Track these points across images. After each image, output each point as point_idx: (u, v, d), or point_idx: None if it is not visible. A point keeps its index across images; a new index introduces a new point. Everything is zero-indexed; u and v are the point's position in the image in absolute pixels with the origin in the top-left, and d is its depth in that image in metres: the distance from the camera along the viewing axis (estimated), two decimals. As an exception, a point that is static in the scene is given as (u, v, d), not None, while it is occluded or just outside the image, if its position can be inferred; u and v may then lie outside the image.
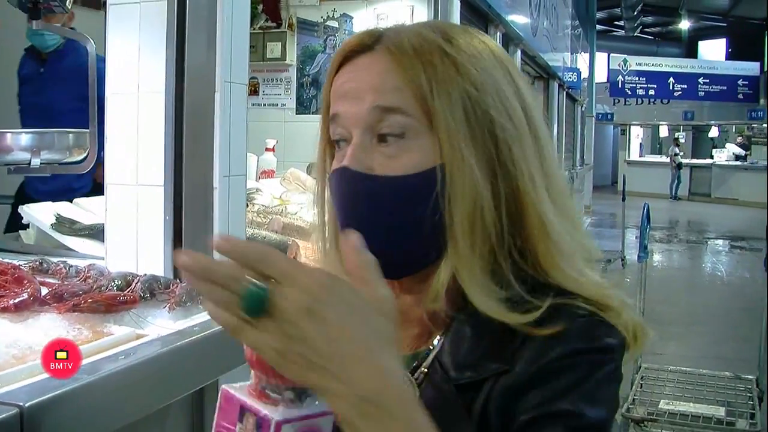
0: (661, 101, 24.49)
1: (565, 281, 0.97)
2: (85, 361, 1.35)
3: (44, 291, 1.64)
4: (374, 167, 0.97)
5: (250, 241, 0.73)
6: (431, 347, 1.02)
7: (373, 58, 1.00)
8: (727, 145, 26.55)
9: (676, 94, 23.15)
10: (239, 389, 0.85)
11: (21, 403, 1.14)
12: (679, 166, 24.41)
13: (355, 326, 0.75)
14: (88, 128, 2.32)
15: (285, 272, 0.74)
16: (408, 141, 0.97)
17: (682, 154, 24.97)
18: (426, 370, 1.00)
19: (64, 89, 3.68)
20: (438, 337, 1.02)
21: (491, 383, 0.93)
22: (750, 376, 5.06)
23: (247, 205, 2.60)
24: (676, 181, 24.41)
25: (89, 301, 1.58)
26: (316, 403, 0.84)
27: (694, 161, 25.35)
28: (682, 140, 26.35)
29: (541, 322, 0.93)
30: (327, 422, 0.84)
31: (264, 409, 0.81)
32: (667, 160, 25.58)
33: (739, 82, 23.02)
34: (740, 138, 26.26)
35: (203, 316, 1.71)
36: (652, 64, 23.10)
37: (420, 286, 1.02)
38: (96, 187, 3.35)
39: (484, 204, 0.95)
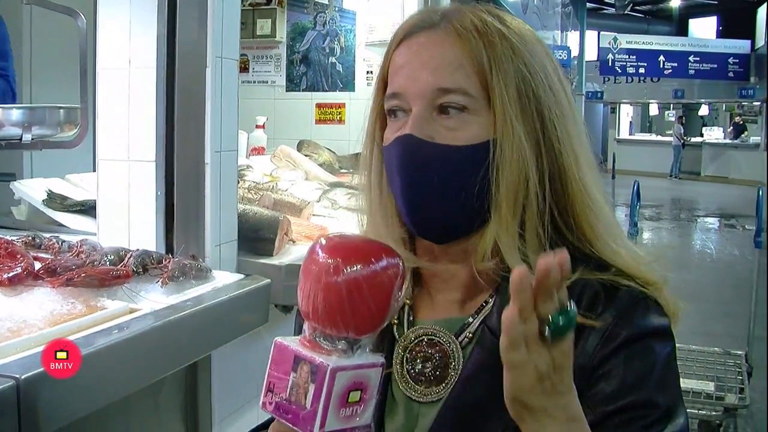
0: (651, 79, 24.45)
1: (606, 253, 1.05)
2: (79, 335, 1.36)
3: (37, 266, 1.64)
4: (435, 136, 1.03)
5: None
6: (476, 313, 1.08)
7: (437, 35, 1.06)
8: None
9: (666, 72, 23.12)
10: (292, 341, 0.90)
11: (17, 375, 1.14)
12: (683, 145, 24.48)
13: None
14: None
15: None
16: (467, 115, 1.03)
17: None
18: (471, 334, 1.07)
19: None
20: (483, 302, 1.08)
21: None
22: (739, 352, 5.09)
23: (238, 182, 2.60)
24: (678, 161, 24.48)
25: (82, 275, 1.58)
26: (365, 354, 0.91)
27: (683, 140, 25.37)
28: (671, 118, 26.38)
29: (595, 302, 1.00)
30: (376, 374, 0.91)
31: (319, 358, 0.87)
32: (658, 138, 25.62)
33: (730, 60, 22.99)
34: (738, 118, 26.28)
35: (196, 291, 1.72)
36: (643, 42, 23.05)
37: (461, 253, 1.09)
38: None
39: (529, 177, 1.02)
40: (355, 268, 0.88)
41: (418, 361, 1.09)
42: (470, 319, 1.08)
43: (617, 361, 0.96)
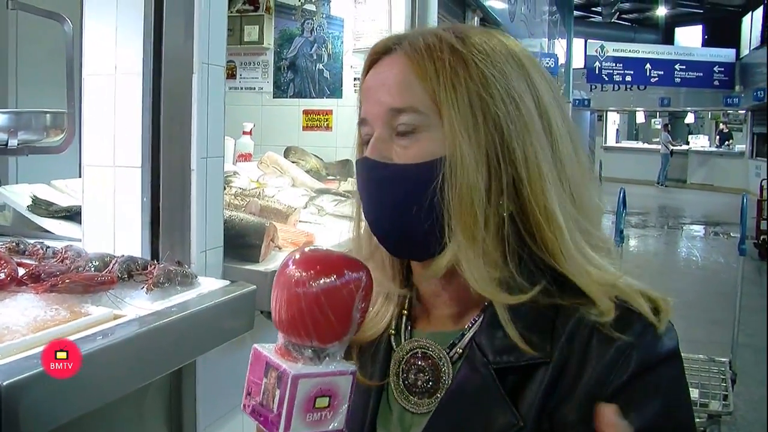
0: (638, 87, 24.62)
1: (570, 267, 1.03)
2: (62, 341, 1.36)
3: (21, 272, 1.63)
4: (392, 157, 1.06)
5: None
6: (468, 328, 1.09)
7: (392, 59, 1.08)
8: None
9: (652, 80, 23.28)
10: (267, 348, 0.95)
11: (-1, 382, 1.14)
12: (671, 153, 24.60)
13: None
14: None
15: None
16: (419, 134, 1.04)
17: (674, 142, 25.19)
18: (461, 350, 1.08)
19: None
20: (474, 318, 1.09)
21: (543, 375, 0.99)
22: (723, 359, 5.11)
23: (225, 188, 2.60)
24: (664, 168, 24.59)
25: (67, 281, 1.58)
26: (335, 363, 0.93)
27: (671, 147, 25.49)
28: (658, 125, 26.51)
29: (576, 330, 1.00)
30: (346, 381, 0.92)
31: (284, 365, 0.90)
32: (644, 145, 25.72)
33: (715, 68, 23.18)
34: (723, 126, 26.44)
35: (181, 297, 1.71)
36: (629, 51, 23.21)
37: (449, 269, 1.07)
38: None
39: (481, 193, 1.01)
40: (316, 281, 0.92)
41: (412, 372, 1.10)
42: (461, 335, 1.09)
43: (630, 392, 0.96)
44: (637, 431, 0.93)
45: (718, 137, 26.09)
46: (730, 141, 25.44)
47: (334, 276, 0.92)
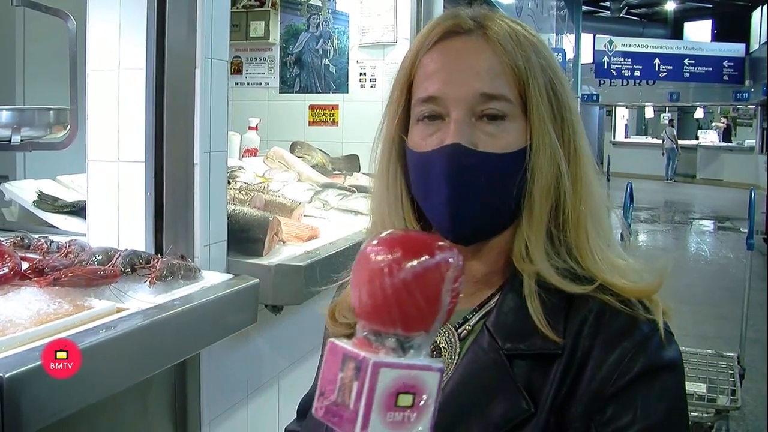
0: (647, 82, 24.48)
1: (592, 263, 1.06)
2: (65, 334, 1.37)
3: (25, 266, 1.64)
4: (477, 144, 1.06)
5: None
6: (479, 307, 1.11)
7: (474, 42, 1.09)
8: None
9: (661, 75, 23.16)
10: (345, 342, 0.85)
11: (1, 374, 1.15)
12: (676, 147, 24.53)
13: None
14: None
15: None
16: (507, 123, 1.06)
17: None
18: (470, 327, 1.10)
19: None
20: (488, 296, 1.12)
21: (557, 367, 1.00)
22: (731, 354, 5.10)
23: (230, 183, 2.60)
24: (672, 163, 24.53)
25: (70, 275, 1.58)
26: (421, 356, 0.84)
27: (680, 142, 25.41)
28: (666, 120, 26.44)
29: (600, 320, 1.02)
30: (432, 378, 0.83)
31: (363, 353, 0.81)
32: (653, 141, 25.64)
33: (725, 63, 23.04)
34: (724, 119, 26.35)
35: (184, 291, 1.72)
36: (638, 45, 23.08)
37: (483, 249, 1.12)
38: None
39: (559, 180, 1.06)
40: (401, 262, 0.85)
41: None
42: (472, 313, 1.10)
43: (633, 393, 0.98)
44: (627, 423, 0.95)
45: (717, 133, 26.02)
46: (733, 134, 25.39)
47: (426, 256, 0.85)
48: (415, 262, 0.84)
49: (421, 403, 0.81)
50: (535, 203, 1.06)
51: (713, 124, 26.62)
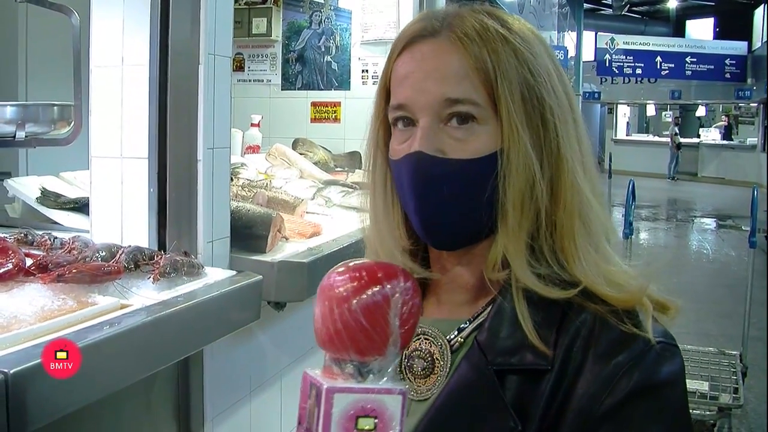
0: (649, 80, 24.48)
1: (585, 267, 1.02)
2: (69, 330, 1.37)
3: (29, 262, 1.64)
4: (445, 150, 1.02)
5: None
6: (472, 318, 1.08)
7: (439, 43, 1.04)
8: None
9: (663, 73, 23.16)
10: (315, 371, 0.89)
11: (6, 370, 1.15)
12: (679, 146, 24.51)
13: None
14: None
15: None
16: (475, 126, 1.02)
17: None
18: (462, 339, 1.07)
19: None
20: (481, 307, 1.08)
21: (547, 384, 0.96)
22: (734, 352, 5.11)
23: (232, 180, 2.60)
24: (674, 161, 24.52)
25: (74, 271, 1.58)
26: (381, 381, 0.86)
27: (682, 140, 25.40)
28: (668, 118, 26.43)
29: (591, 335, 0.98)
30: (394, 401, 0.84)
31: (322, 380, 0.85)
32: (655, 138, 25.62)
33: (727, 61, 23.03)
34: (725, 118, 26.33)
35: (187, 287, 1.72)
36: (640, 43, 23.09)
37: (469, 256, 1.08)
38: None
39: (534, 184, 1.01)
40: (351, 293, 0.88)
41: (413, 356, 1.10)
42: (465, 323, 1.08)
43: (628, 413, 0.93)
44: None
45: (719, 131, 25.99)
46: (734, 132, 25.36)
47: (374, 285, 0.88)
48: (363, 293, 0.88)
49: (383, 426, 0.83)
50: (509, 209, 1.01)
51: (721, 120, 26.56)
